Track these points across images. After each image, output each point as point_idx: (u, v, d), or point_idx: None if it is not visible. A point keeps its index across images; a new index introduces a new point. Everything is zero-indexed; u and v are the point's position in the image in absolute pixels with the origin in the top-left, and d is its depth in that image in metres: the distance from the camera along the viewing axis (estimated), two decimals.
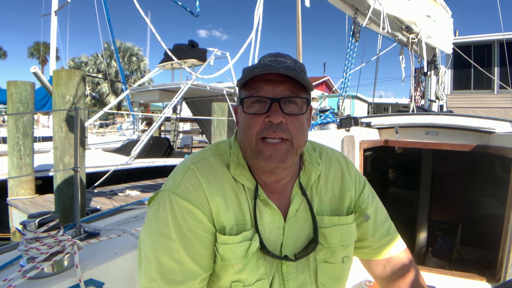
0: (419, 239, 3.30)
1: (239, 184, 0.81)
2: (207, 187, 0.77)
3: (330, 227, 0.85)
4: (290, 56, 0.80)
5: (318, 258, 0.84)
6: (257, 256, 0.79)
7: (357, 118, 2.52)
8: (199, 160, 0.82)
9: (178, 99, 8.18)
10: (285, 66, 0.76)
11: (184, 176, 0.78)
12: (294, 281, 0.82)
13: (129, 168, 6.83)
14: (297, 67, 0.78)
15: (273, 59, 0.78)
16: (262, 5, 2.70)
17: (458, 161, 3.09)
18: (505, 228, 1.90)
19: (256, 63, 0.81)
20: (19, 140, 5.47)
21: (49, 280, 1.14)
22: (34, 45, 31.28)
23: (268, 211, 0.82)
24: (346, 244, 0.87)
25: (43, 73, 7.32)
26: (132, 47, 30.17)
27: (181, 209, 0.74)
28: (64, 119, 4.19)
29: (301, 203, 0.85)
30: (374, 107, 14.40)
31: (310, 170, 0.87)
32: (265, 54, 0.82)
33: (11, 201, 5.45)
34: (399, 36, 3.66)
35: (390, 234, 0.94)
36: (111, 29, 11.10)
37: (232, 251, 0.75)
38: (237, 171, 0.81)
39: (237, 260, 0.76)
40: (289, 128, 0.76)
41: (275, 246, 0.81)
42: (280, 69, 0.74)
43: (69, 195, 4.29)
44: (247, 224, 0.79)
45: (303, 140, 0.80)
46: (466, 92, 10.64)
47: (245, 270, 0.77)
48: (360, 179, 0.94)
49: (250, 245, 0.77)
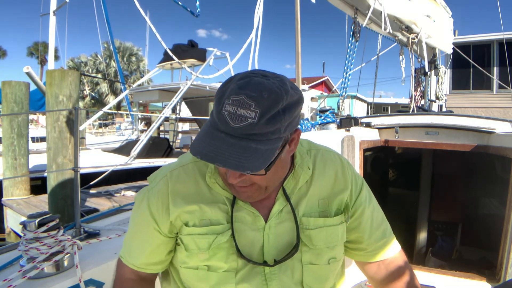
0: (419, 239, 3.30)
1: (213, 190, 0.84)
2: (173, 195, 0.84)
3: (315, 229, 0.84)
4: (258, 97, 0.64)
5: (304, 259, 0.84)
6: (229, 251, 0.82)
7: (357, 118, 2.52)
8: (177, 168, 0.88)
9: (178, 99, 8.18)
10: (242, 126, 0.64)
11: (159, 182, 0.87)
12: (277, 282, 0.82)
13: (128, 168, 6.82)
14: (262, 120, 0.64)
15: (234, 110, 0.64)
16: (262, 5, 2.70)
17: (458, 161, 3.09)
18: (505, 228, 1.91)
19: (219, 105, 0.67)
20: (14, 141, 5.46)
21: (49, 280, 1.14)
22: (34, 45, 31.23)
23: (249, 214, 0.83)
24: (332, 246, 0.87)
25: (42, 73, 7.31)
26: (131, 47, 30.15)
27: (141, 208, 0.87)
28: (58, 120, 4.19)
29: (284, 205, 0.84)
30: (374, 107, 14.41)
31: (299, 173, 0.86)
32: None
33: (6, 201, 5.44)
34: (399, 36, 3.66)
35: (386, 237, 0.94)
36: (110, 29, 11.10)
37: (194, 241, 0.82)
38: (211, 180, 0.84)
39: (199, 251, 0.82)
40: (251, 179, 0.74)
41: (255, 247, 0.82)
42: (218, 163, 0.66)
43: (62, 196, 4.28)
44: (220, 220, 0.82)
45: (275, 179, 0.79)
46: (465, 92, 10.64)
47: (211, 260, 0.82)
48: (357, 181, 0.92)
49: (215, 239, 0.81)
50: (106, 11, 10.76)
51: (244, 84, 0.66)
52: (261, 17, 2.78)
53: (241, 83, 0.67)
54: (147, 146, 7.40)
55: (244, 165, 0.64)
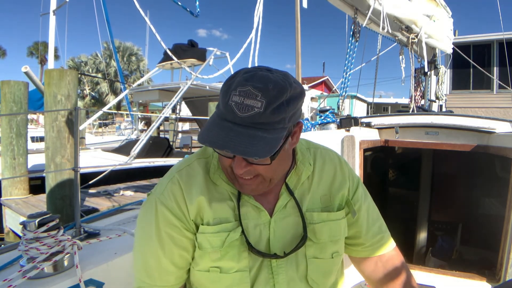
0: (419, 239, 3.30)
1: (219, 186, 0.85)
2: (187, 192, 0.83)
3: (319, 223, 0.87)
4: (264, 88, 0.68)
5: (308, 254, 0.86)
6: (240, 249, 0.82)
7: (357, 118, 2.52)
8: (184, 167, 0.88)
9: (178, 99, 8.19)
10: (250, 115, 0.67)
11: (167, 184, 0.85)
12: (283, 276, 0.84)
13: (128, 168, 6.82)
14: (268, 109, 0.67)
15: (241, 100, 0.67)
16: (262, 5, 2.70)
17: (458, 161, 3.09)
18: (505, 228, 1.91)
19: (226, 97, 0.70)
20: (12, 140, 5.47)
21: (49, 280, 1.14)
22: (34, 44, 31.21)
23: (253, 209, 0.84)
24: (336, 240, 0.89)
25: (42, 72, 7.31)
26: (131, 47, 30.17)
27: (161, 215, 0.82)
28: (56, 119, 4.19)
29: (288, 200, 0.87)
30: (374, 107, 14.40)
31: (301, 169, 0.89)
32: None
33: (4, 201, 5.45)
34: (399, 36, 3.66)
35: (382, 232, 0.97)
36: (110, 29, 11.07)
37: (207, 240, 0.81)
38: (215, 176, 0.85)
39: (212, 249, 0.81)
40: (256, 170, 0.76)
41: (261, 241, 0.84)
42: (227, 149, 0.68)
43: (60, 196, 4.29)
44: (229, 218, 0.83)
45: (279, 171, 0.81)
46: (465, 92, 10.64)
47: (223, 259, 0.82)
48: (353, 179, 0.96)
49: (228, 236, 0.81)
50: (106, 11, 10.74)
51: (250, 76, 0.70)
52: (261, 17, 2.79)
53: (247, 76, 0.70)
54: (147, 146, 7.41)
55: (252, 151, 0.67)
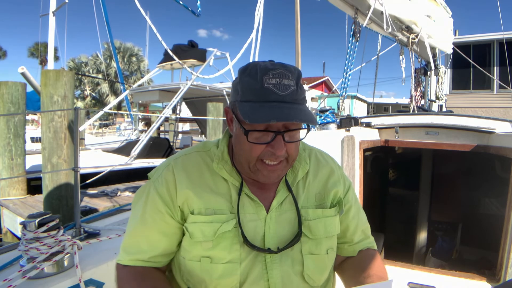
0: (419, 239, 3.30)
1: (220, 177, 0.88)
2: (179, 181, 0.86)
3: (315, 220, 0.89)
4: (291, 69, 0.77)
5: (304, 250, 0.88)
6: (233, 241, 0.83)
7: (357, 118, 2.52)
8: (181, 156, 0.92)
9: (178, 99, 8.18)
10: (290, 93, 0.75)
11: (163, 171, 0.89)
12: (278, 271, 0.85)
13: (128, 169, 6.82)
14: (299, 87, 0.77)
15: (277, 81, 0.74)
16: (263, 5, 2.70)
17: (458, 161, 3.09)
18: (505, 228, 1.91)
19: (258, 82, 0.75)
20: (10, 141, 5.47)
21: (49, 280, 1.14)
22: (34, 45, 31.23)
23: (251, 204, 0.86)
24: (330, 236, 0.92)
25: None
26: (132, 47, 30.16)
27: (151, 200, 0.87)
28: (52, 120, 4.19)
29: (285, 197, 0.89)
30: (374, 107, 14.41)
31: (298, 167, 0.93)
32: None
33: (2, 201, 5.44)
34: (399, 36, 3.66)
35: (367, 237, 1.03)
36: (110, 30, 11.06)
37: (200, 229, 0.83)
38: (219, 166, 0.88)
39: (204, 238, 0.83)
40: (287, 151, 0.81)
41: (257, 237, 0.85)
42: (295, 119, 0.73)
43: (57, 196, 4.28)
44: (224, 210, 0.85)
45: (297, 152, 0.86)
46: (465, 92, 10.63)
47: (214, 250, 0.83)
48: (345, 181, 1.00)
49: (220, 227, 0.82)
50: (105, 12, 10.73)
51: (271, 64, 0.77)
52: (261, 17, 2.79)
53: (268, 64, 0.77)
54: (147, 146, 7.40)
55: (313, 119, 0.75)
